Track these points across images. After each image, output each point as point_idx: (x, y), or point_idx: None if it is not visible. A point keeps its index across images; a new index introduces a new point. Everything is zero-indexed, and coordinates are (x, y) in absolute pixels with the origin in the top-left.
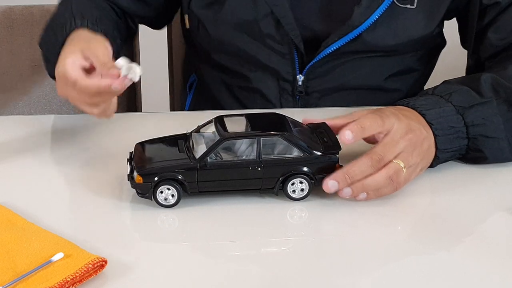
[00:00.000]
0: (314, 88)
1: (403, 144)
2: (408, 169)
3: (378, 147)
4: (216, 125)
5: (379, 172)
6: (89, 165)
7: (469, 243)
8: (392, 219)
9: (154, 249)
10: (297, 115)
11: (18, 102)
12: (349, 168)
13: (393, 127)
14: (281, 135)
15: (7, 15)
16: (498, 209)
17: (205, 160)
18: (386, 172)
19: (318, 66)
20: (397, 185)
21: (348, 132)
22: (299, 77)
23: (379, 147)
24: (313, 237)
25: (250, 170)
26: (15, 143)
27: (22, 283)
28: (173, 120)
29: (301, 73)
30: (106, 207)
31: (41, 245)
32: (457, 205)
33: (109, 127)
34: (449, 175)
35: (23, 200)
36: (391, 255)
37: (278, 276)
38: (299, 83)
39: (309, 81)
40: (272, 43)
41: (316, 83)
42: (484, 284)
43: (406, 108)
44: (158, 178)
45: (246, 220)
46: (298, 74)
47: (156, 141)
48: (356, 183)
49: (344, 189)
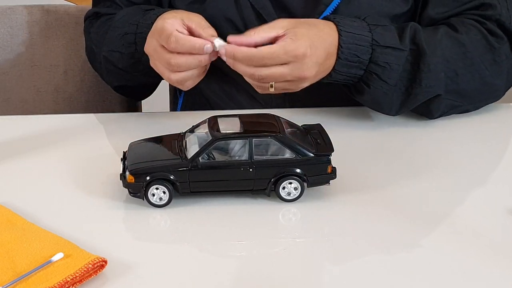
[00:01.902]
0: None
1: (291, 78)
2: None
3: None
4: (209, 126)
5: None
6: (89, 165)
7: (469, 243)
8: (386, 220)
9: (153, 249)
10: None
11: (18, 102)
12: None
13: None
14: (273, 136)
15: (7, 15)
16: (498, 209)
17: (197, 160)
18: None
19: None
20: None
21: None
22: None
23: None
24: (306, 238)
25: (241, 171)
26: (15, 143)
27: (22, 283)
28: (173, 120)
29: None
30: (106, 207)
31: (41, 245)
32: (457, 205)
33: (109, 127)
34: (449, 175)
35: (23, 200)
36: (385, 256)
37: (270, 277)
38: None
39: None
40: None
41: None
42: (484, 284)
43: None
44: (149, 177)
45: (238, 221)
46: None
47: (150, 140)
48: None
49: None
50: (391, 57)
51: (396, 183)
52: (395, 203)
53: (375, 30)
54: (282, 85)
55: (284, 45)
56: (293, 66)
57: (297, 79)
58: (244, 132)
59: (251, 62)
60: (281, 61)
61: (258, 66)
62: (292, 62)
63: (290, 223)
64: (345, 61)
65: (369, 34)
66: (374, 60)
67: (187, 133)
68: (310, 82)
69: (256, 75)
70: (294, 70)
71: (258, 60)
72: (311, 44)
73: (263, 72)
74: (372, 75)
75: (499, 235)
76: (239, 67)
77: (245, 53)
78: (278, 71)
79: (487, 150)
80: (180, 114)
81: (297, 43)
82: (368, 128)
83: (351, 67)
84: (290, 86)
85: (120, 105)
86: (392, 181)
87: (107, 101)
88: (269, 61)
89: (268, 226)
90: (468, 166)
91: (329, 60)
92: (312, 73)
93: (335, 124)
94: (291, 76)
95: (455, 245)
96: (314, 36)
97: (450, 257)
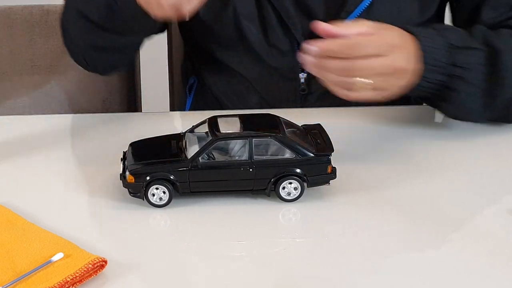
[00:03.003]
0: (317, 86)
1: (386, 71)
2: (366, 90)
3: (359, 61)
4: (209, 126)
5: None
6: (90, 165)
7: (469, 243)
8: (386, 220)
9: (153, 249)
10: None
11: (18, 102)
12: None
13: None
14: (273, 136)
15: (7, 15)
16: (498, 209)
17: (197, 160)
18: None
19: None
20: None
21: (313, 48)
22: (302, 75)
23: (362, 62)
24: (306, 238)
25: (241, 171)
26: (15, 143)
27: (22, 283)
28: (173, 120)
29: (303, 70)
30: (106, 207)
31: (41, 245)
32: (457, 205)
33: (109, 127)
34: (449, 175)
35: (23, 200)
36: (385, 256)
37: (270, 277)
38: (301, 80)
39: (311, 78)
40: (273, 38)
41: (318, 81)
42: (484, 284)
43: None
44: (149, 177)
45: (238, 221)
46: (300, 72)
47: (150, 140)
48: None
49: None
50: (471, 58)
51: (396, 183)
52: (395, 203)
53: (445, 33)
54: (378, 81)
55: (381, 34)
56: (391, 55)
57: (396, 71)
58: (244, 132)
59: (348, 51)
60: (378, 51)
61: (353, 57)
62: (390, 52)
63: (290, 223)
64: (430, 66)
65: (441, 37)
66: (454, 62)
67: (187, 133)
68: (407, 80)
69: (352, 66)
70: (394, 60)
71: (356, 48)
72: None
73: (358, 62)
74: (455, 78)
75: (499, 235)
76: (329, 63)
77: (342, 43)
78: (378, 61)
79: (487, 150)
80: (180, 114)
81: (392, 34)
82: (368, 128)
83: (437, 72)
84: (385, 82)
85: (120, 105)
86: (392, 181)
87: (107, 101)
88: (367, 49)
89: (268, 226)
90: (468, 166)
91: (418, 64)
92: (411, 65)
93: (335, 124)
94: (391, 67)
95: (455, 245)
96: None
97: (450, 257)
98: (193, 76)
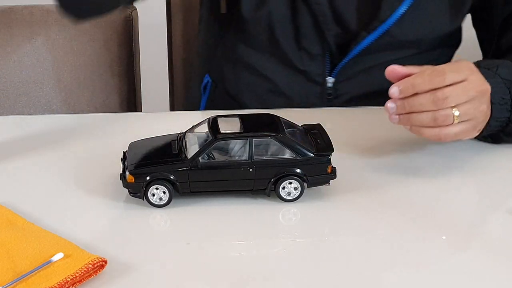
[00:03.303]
0: (343, 91)
1: (473, 95)
2: (461, 123)
3: (448, 88)
4: (209, 125)
5: (427, 113)
6: (89, 165)
7: (469, 243)
8: (386, 220)
9: (153, 249)
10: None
11: (18, 102)
12: (410, 100)
13: (467, 78)
14: (273, 136)
15: (7, 15)
16: (498, 209)
17: (197, 160)
18: (434, 114)
19: (348, 67)
20: (439, 132)
21: (395, 88)
22: (329, 79)
23: (451, 88)
24: (306, 238)
25: (241, 171)
26: (15, 143)
27: (22, 283)
28: (173, 120)
29: (331, 75)
30: (106, 207)
31: (41, 245)
32: (457, 205)
33: (109, 127)
34: (449, 175)
35: (23, 200)
36: (385, 256)
37: (270, 277)
38: (329, 85)
39: (338, 83)
40: (305, 42)
41: (346, 86)
42: (484, 284)
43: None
44: (149, 177)
45: (238, 221)
46: (328, 76)
47: (150, 140)
48: (405, 115)
49: (393, 117)
50: None
51: (396, 183)
52: (395, 203)
53: (499, 71)
54: (466, 109)
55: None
56: (470, 78)
57: (478, 93)
58: (244, 132)
59: (431, 82)
60: (463, 76)
61: (438, 86)
62: (470, 76)
63: (290, 223)
64: (497, 105)
65: (497, 76)
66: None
67: (187, 133)
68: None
69: (443, 95)
70: (474, 82)
71: (439, 77)
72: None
73: (448, 89)
74: None
75: (499, 235)
76: (417, 99)
77: (425, 75)
78: (460, 85)
79: (486, 150)
80: (180, 114)
81: (462, 62)
82: (368, 128)
83: (506, 110)
84: (472, 109)
85: (120, 105)
86: (392, 181)
87: (107, 101)
88: (452, 74)
89: (268, 226)
90: (468, 166)
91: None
92: (488, 85)
93: (335, 124)
94: (474, 90)
95: (455, 245)
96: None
97: (450, 257)
98: (207, 75)
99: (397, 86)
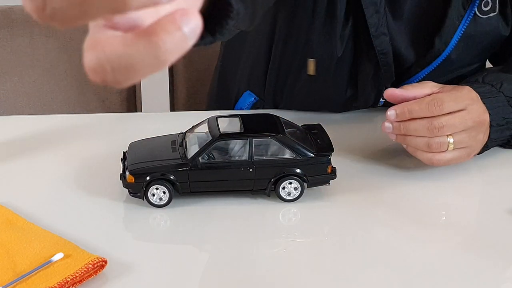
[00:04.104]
0: None
1: (470, 125)
2: (455, 150)
3: (445, 117)
4: (209, 125)
5: (422, 138)
6: (89, 165)
7: (469, 244)
8: (386, 220)
9: (153, 249)
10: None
11: (18, 102)
12: (406, 124)
13: (466, 108)
14: (273, 136)
15: (7, 15)
16: (498, 209)
17: (197, 160)
18: (429, 140)
19: None
20: (432, 157)
21: (392, 112)
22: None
23: (448, 117)
24: (306, 238)
25: (241, 171)
26: (15, 143)
27: (22, 283)
28: (173, 120)
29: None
30: (106, 207)
31: (41, 245)
32: (457, 205)
33: (109, 127)
34: (449, 175)
35: (23, 200)
36: (385, 256)
37: (270, 277)
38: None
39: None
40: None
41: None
42: (484, 285)
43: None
44: (149, 177)
45: (238, 221)
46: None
47: (150, 140)
48: (401, 135)
49: (390, 134)
50: None
51: (396, 183)
52: (395, 203)
53: (503, 87)
54: (462, 137)
55: (453, 88)
56: (469, 108)
57: (476, 124)
58: (244, 132)
59: (428, 110)
60: (461, 106)
61: (435, 115)
62: (469, 105)
63: (290, 223)
64: (496, 127)
65: (500, 93)
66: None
67: (187, 133)
68: (485, 132)
69: (437, 124)
70: (472, 112)
71: (437, 106)
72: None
73: (444, 118)
74: None
75: (499, 235)
76: (413, 124)
77: (423, 103)
78: (460, 114)
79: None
80: (180, 114)
81: (462, 91)
82: (368, 128)
83: (503, 130)
84: (468, 138)
85: (120, 105)
86: (392, 181)
87: (107, 101)
88: (449, 103)
89: (268, 226)
90: (468, 166)
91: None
92: (487, 116)
93: (335, 124)
94: (471, 120)
95: (455, 245)
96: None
97: (450, 257)
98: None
99: (394, 109)
